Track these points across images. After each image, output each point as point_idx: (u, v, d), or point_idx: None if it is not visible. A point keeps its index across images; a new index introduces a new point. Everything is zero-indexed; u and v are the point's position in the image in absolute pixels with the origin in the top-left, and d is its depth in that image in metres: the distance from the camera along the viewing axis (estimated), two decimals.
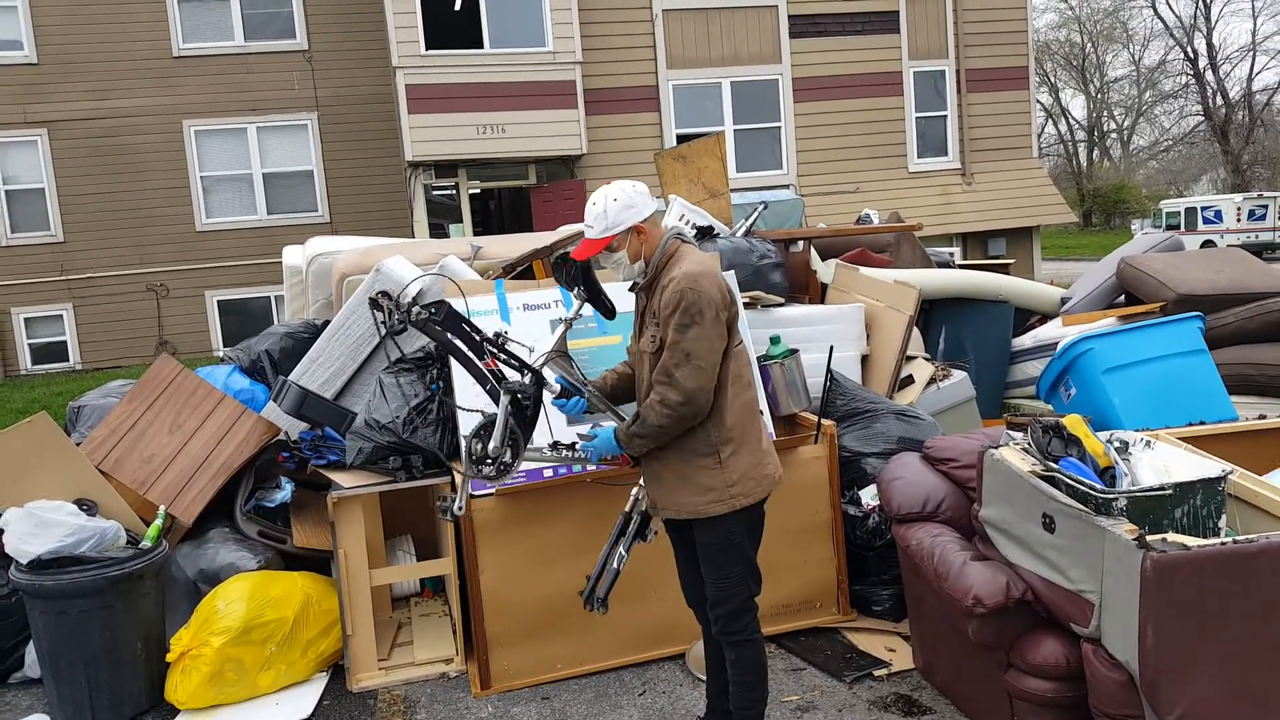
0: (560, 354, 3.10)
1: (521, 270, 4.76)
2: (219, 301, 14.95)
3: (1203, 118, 39.76)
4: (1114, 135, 44.72)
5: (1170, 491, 2.73)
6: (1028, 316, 6.06)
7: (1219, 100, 38.85)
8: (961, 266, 7.17)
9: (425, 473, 3.96)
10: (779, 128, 13.85)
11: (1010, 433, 3.62)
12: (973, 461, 3.44)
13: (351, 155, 15.05)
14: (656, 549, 3.66)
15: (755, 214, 6.04)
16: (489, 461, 2.86)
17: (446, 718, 3.59)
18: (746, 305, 4.65)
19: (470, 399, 3.87)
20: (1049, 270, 15.31)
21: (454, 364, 3.94)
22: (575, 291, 3.07)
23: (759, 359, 4.22)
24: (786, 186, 12.97)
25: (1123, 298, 5.62)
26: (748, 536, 2.93)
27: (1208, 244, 26.10)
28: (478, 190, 14.76)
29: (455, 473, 3.85)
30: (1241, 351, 4.71)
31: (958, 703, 3.43)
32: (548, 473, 3.84)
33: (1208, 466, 2.82)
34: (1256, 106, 38.49)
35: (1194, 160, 41.48)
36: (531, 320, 4.09)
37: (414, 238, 11.86)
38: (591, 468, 3.32)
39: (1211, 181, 40.73)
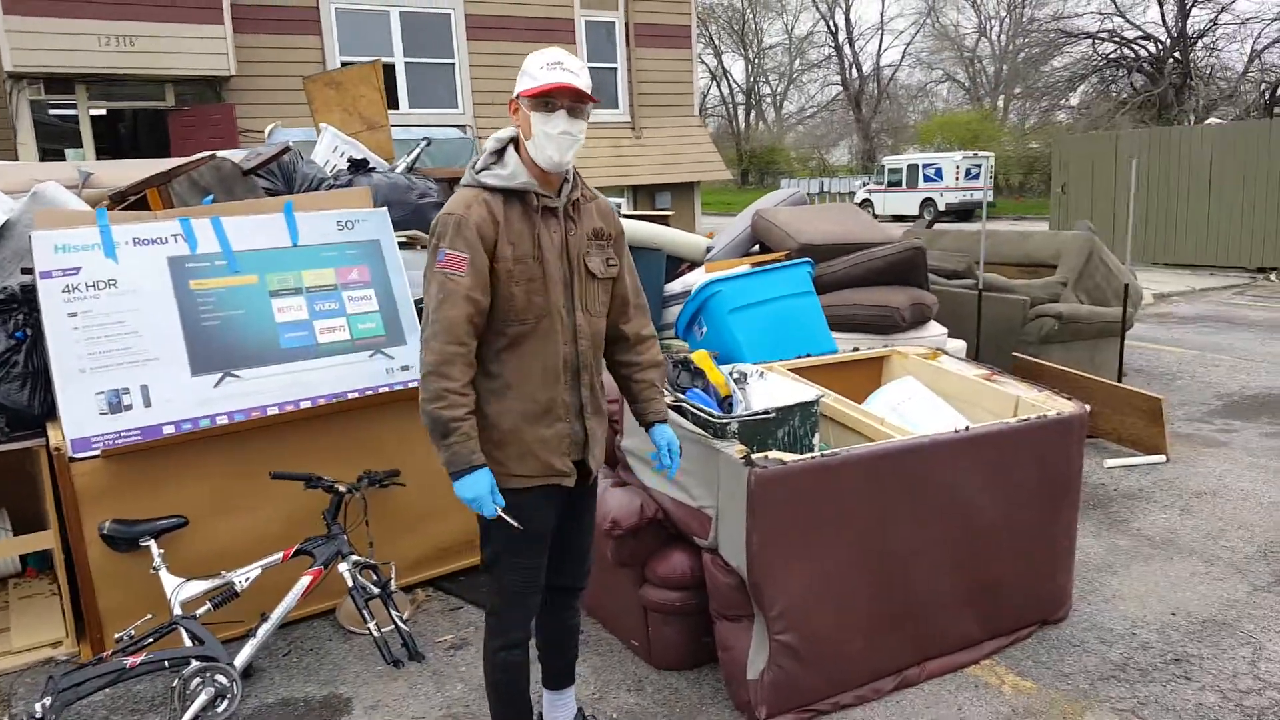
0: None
1: (136, 201, 4.21)
2: None
3: (841, 88, 44.89)
4: (769, 99, 49.11)
5: (773, 415, 3.07)
6: (679, 264, 6.48)
7: (854, 73, 44.05)
8: (625, 216, 7.50)
9: (14, 435, 3.42)
10: (453, 65, 13.48)
11: None
12: (616, 396, 3.62)
13: None
14: (290, 511, 3.48)
15: (418, 150, 5.85)
16: None
17: None
18: (404, 245, 4.49)
19: (71, 347, 3.38)
20: (708, 224, 16.49)
21: (48, 307, 3.41)
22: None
23: None
24: (463, 127, 12.70)
25: (757, 247, 6.19)
26: None
27: (927, 201, 28.75)
28: (103, 111, 12.85)
29: (54, 433, 3.36)
30: (847, 294, 5.41)
31: (603, 621, 3.65)
32: (168, 429, 3.47)
33: (804, 392, 3.20)
34: (884, 80, 44.16)
35: (834, 127, 46.72)
36: (143, 258, 3.63)
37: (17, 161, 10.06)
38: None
39: (848, 147, 46.17)
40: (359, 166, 5.00)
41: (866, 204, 30.76)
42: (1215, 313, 11.02)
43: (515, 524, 2.36)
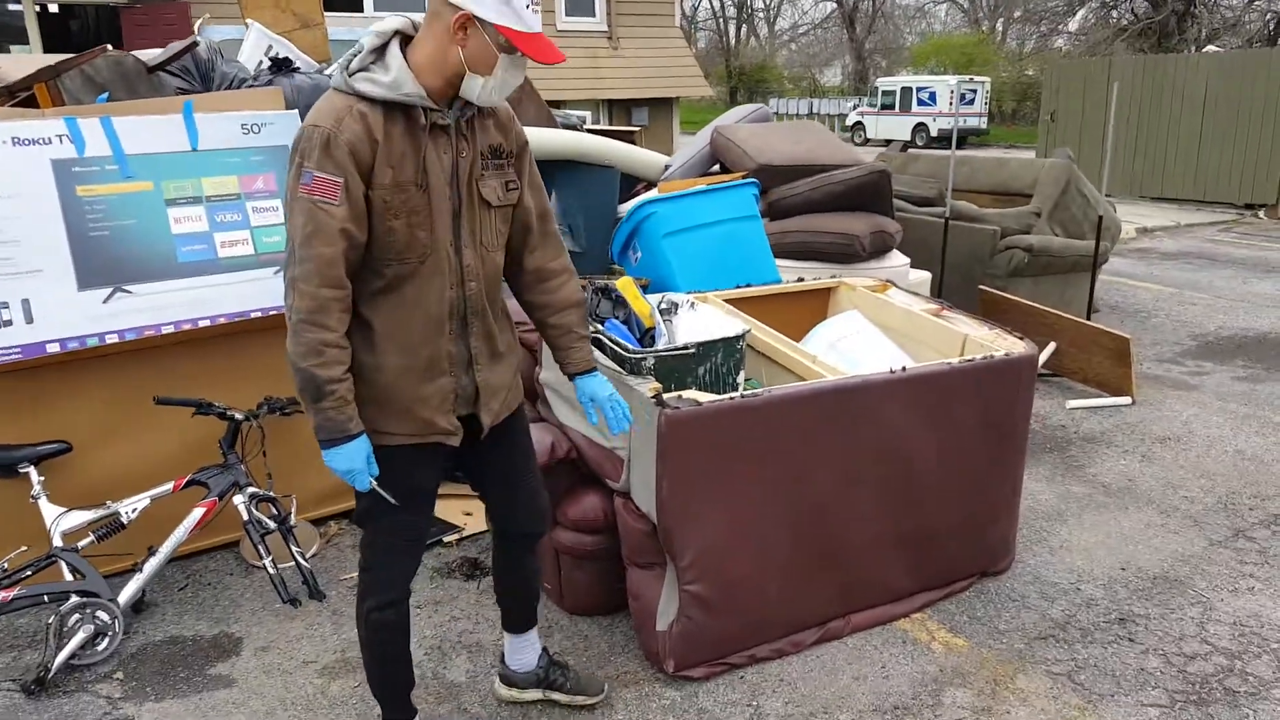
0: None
1: (28, 99, 3.84)
2: None
3: (835, 5, 43.47)
4: (761, 14, 47.60)
5: (693, 350, 2.81)
6: (636, 182, 6.14)
7: None
8: (591, 131, 7.10)
9: None
10: None
11: None
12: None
13: None
14: (185, 438, 3.24)
15: (353, 53, 5.42)
16: None
17: None
18: None
19: None
20: (686, 142, 15.97)
21: None
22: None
23: None
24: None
25: (717, 166, 5.85)
26: None
27: (920, 126, 27.72)
28: (55, 8, 12.15)
29: None
30: (805, 220, 5.11)
31: None
32: (53, 347, 3.20)
33: (731, 326, 2.94)
34: None
35: (827, 46, 45.43)
36: (23, 160, 3.29)
37: None
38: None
39: (841, 68, 45.00)
40: (281, 66, 4.61)
41: (858, 127, 30.06)
42: (1198, 249, 10.77)
43: (390, 498, 2.10)
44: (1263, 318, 7.41)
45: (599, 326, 3.01)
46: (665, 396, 2.61)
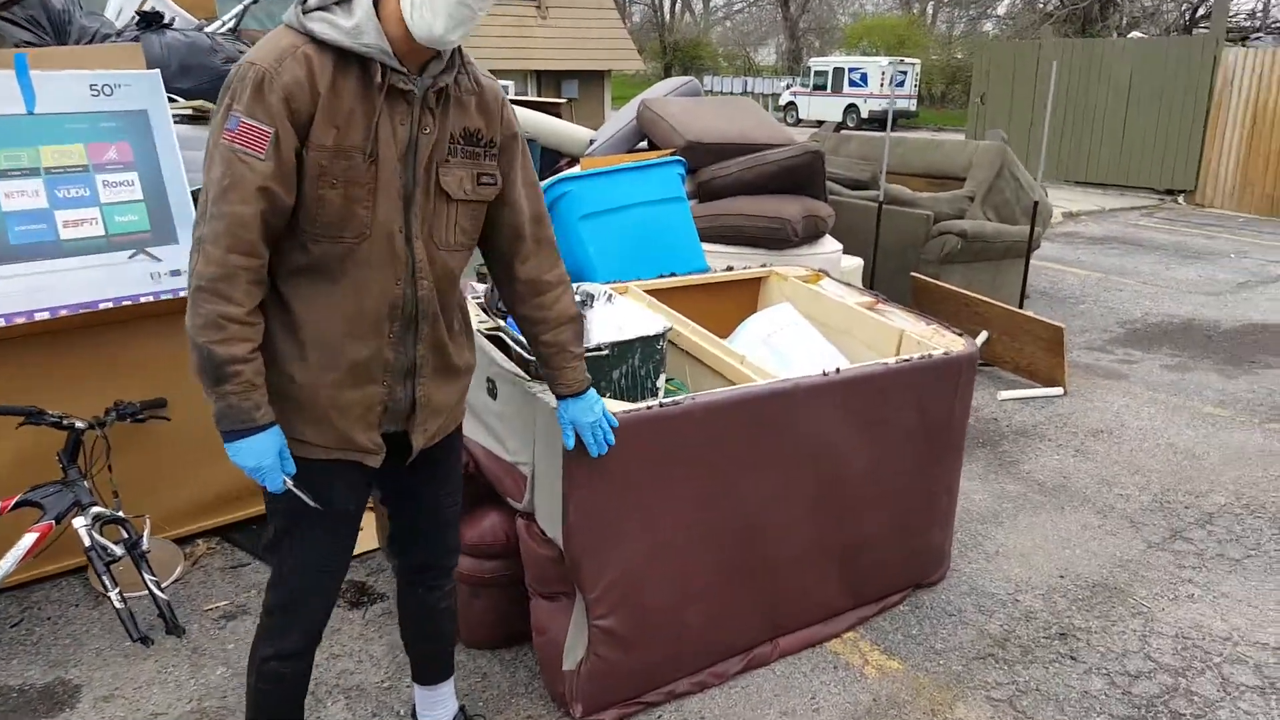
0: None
1: None
2: None
3: None
4: None
5: (607, 352, 2.48)
6: (560, 158, 5.76)
7: None
8: (515, 103, 6.68)
9: None
10: None
11: (475, 284, 3.24)
12: None
13: None
14: (19, 450, 2.80)
15: (242, 8, 4.91)
16: None
17: None
18: (189, 119, 3.68)
19: None
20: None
21: None
22: None
23: None
24: None
25: (645, 142, 5.51)
26: None
27: (851, 108, 27.74)
28: None
29: None
30: (735, 203, 4.81)
31: None
32: None
33: (650, 323, 2.62)
34: None
35: (762, 24, 45.22)
36: None
37: None
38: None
39: (775, 47, 44.86)
40: (151, 21, 4.09)
41: (791, 107, 29.93)
42: (1123, 234, 10.85)
43: (310, 500, 1.75)
44: (1185, 304, 7.42)
45: (500, 323, 2.67)
46: None
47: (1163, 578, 3.31)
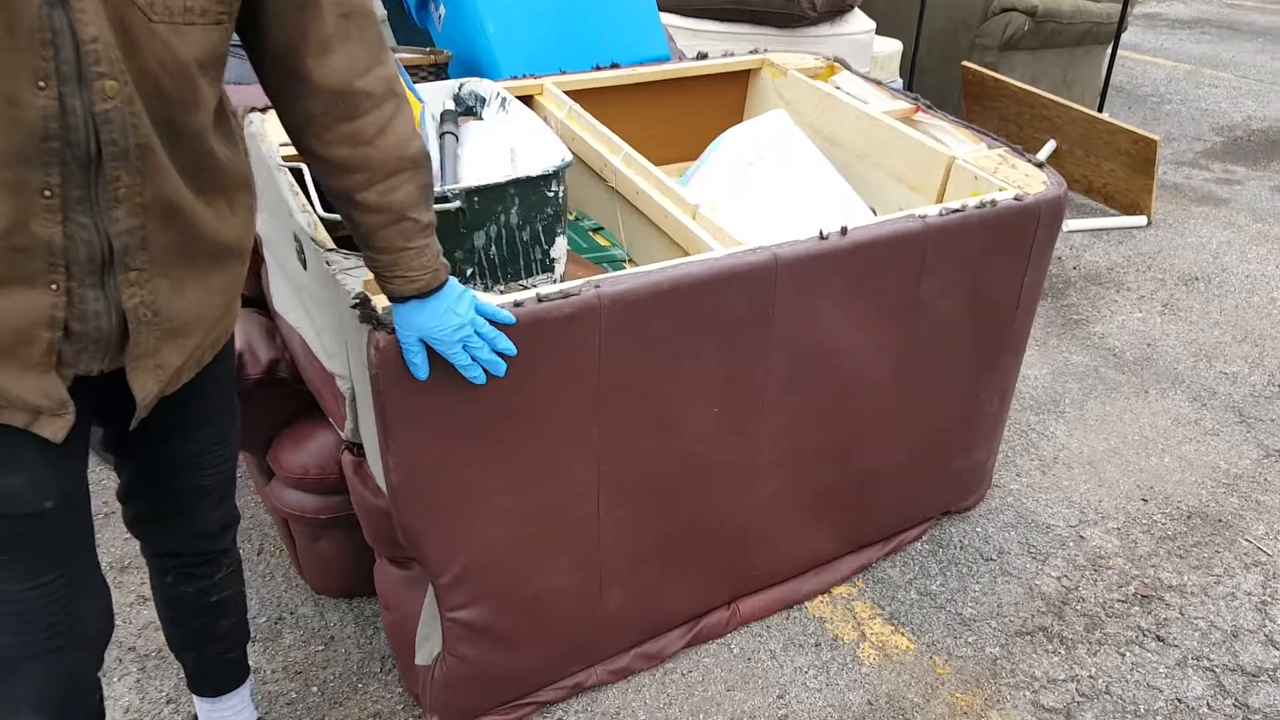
0: None
1: None
2: None
3: None
4: None
5: (456, 204, 1.51)
6: None
7: None
8: None
9: None
10: None
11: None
12: None
13: None
14: None
15: None
16: None
17: None
18: None
19: None
20: None
21: None
22: None
23: None
24: None
25: None
26: None
27: None
28: None
29: None
30: None
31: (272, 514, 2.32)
32: None
33: (546, 153, 1.63)
34: None
35: None
36: None
37: None
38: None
39: None
40: None
41: None
42: (1216, 15, 9.18)
43: None
44: None
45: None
46: (379, 302, 1.35)
47: None
